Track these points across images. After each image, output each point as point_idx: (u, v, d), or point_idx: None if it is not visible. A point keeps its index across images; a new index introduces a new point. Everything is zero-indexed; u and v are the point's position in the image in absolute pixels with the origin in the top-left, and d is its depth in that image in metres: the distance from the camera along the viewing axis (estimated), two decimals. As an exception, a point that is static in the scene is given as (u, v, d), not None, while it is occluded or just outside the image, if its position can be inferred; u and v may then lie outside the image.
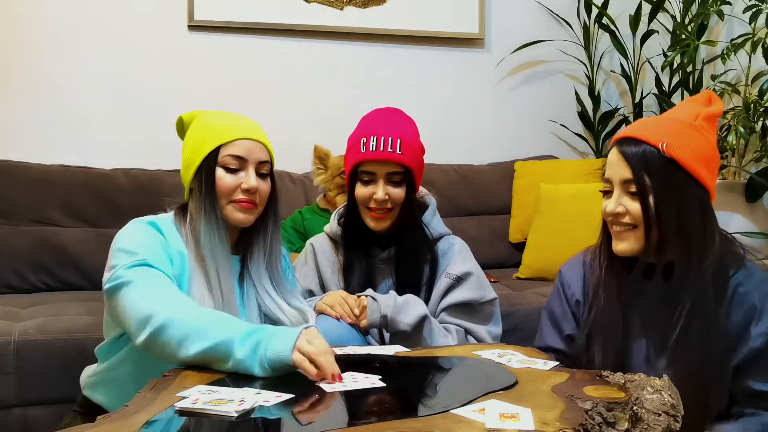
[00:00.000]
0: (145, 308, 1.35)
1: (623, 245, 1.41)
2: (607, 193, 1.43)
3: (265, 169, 1.58)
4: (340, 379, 1.21)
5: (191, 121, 1.62)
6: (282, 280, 1.65)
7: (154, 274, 1.41)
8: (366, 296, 1.67)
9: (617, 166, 1.40)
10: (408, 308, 1.66)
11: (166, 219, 1.57)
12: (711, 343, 1.34)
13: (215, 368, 1.29)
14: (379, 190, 1.71)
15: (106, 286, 1.42)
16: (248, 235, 1.61)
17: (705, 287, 1.36)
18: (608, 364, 1.39)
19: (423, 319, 1.65)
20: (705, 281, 1.36)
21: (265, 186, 1.57)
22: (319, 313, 1.68)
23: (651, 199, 1.36)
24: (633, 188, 1.38)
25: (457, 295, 1.76)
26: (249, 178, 1.54)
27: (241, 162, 1.54)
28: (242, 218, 1.55)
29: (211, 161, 1.53)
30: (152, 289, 1.38)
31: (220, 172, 1.53)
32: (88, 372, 1.59)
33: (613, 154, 1.41)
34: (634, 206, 1.38)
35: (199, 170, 1.54)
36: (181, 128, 1.65)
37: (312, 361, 1.23)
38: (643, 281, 1.43)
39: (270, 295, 1.61)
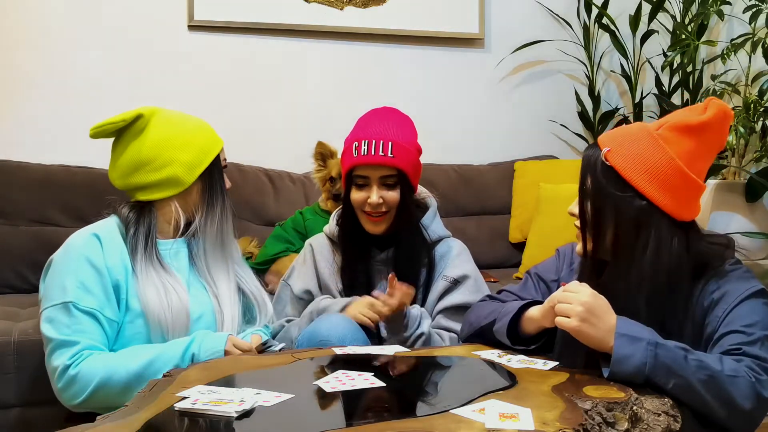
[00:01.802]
0: (74, 373, 1.46)
1: (578, 246, 1.45)
2: None
3: None
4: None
5: (152, 116, 1.63)
6: (239, 259, 1.77)
7: (78, 325, 1.48)
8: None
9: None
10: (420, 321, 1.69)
11: (109, 224, 1.63)
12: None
13: None
14: (373, 194, 1.72)
15: (41, 329, 1.51)
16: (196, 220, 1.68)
17: (635, 306, 1.33)
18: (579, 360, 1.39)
19: (419, 336, 1.69)
20: (635, 299, 1.34)
21: None
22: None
23: (588, 204, 1.39)
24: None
25: (454, 298, 1.77)
26: (226, 177, 1.73)
27: (225, 162, 1.73)
28: None
29: (219, 163, 1.68)
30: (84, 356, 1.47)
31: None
32: None
33: None
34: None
35: (208, 172, 1.65)
36: (136, 123, 1.61)
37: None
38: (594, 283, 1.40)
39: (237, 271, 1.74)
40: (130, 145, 1.61)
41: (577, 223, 1.43)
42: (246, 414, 1.06)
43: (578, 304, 1.27)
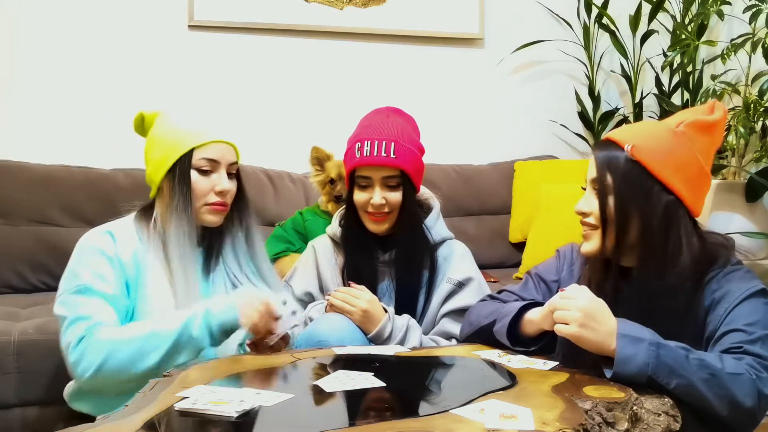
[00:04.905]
0: (85, 345, 1.44)
1: (586, 246, 1.43)
2: None
3: (234, 170, 1.64)
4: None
5: (154, 119, 1.65)
6: (267, 274, 1.71)
7: (92, 304, 1.48)
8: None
9: (590, 166, 1.43)
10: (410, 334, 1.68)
11: (125, 223, 1.62)
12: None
13: (169, 366, 1.41)
14: (376, 195, 1.72)
15: (54, 311, 1.51)
16: (218, 232, 1.65)
17: (672, 299, 1.34)
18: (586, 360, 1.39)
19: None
20: (669, 293, 1.35)
21: (234, 187, 1.64)
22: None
23: (611, 200, 1.37)
24: (597, 187, 1.39)
25: (459, 301, 1.76)
26: (222, 181, 1.59)
27: (214, 164, 1.59)
28: (214, 220, 1.61)
29: (185, 163, 1.57)
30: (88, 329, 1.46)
31: (194, 174, 1.57)
32: (71, 385, 1.61)
33: (591, 155, 1.44)
34: (597, 205, 1.39)
35: (172, 171, 1.57)
36: (141, 125, 1.68)
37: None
38: (612, 283, 1.41)
39: (251, 282, 1.67)
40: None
41: (588, 220, 1.41)
42: (246, 414, 1.06)
43: (576, 310, 1.27)
